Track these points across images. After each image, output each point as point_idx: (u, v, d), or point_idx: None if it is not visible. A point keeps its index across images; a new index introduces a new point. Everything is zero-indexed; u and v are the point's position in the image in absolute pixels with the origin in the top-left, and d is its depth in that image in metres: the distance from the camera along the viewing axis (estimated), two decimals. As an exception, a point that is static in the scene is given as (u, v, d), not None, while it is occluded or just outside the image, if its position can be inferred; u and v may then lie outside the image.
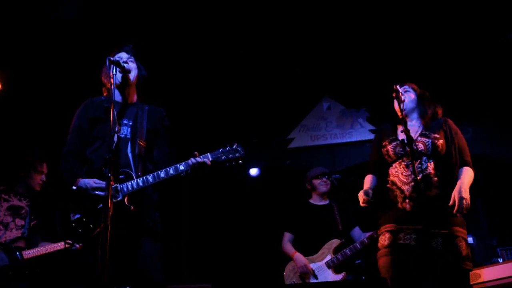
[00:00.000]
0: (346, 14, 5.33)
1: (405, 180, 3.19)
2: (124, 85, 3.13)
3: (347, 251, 4.60)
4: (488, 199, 6.32)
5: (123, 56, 3.19)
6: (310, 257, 4.72)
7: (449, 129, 3.33)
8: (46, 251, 4.26)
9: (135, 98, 3.25)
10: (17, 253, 4.19)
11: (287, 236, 4.98)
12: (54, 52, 5.27)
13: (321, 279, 4.59)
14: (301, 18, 5.37)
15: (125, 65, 3.07)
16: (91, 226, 2.82)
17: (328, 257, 4.66)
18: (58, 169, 3.04)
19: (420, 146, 3.25)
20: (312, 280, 4.61)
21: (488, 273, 4.09)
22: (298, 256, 4.72)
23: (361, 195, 3.24)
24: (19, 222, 4.38)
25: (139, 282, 2.87)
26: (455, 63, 5.87)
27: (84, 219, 2.85)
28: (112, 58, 2.94)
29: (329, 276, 4.59)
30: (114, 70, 2.93)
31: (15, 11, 4.76)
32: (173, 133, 3.36)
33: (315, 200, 5.08)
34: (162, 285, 2.92)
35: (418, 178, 2.96)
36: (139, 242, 2.90)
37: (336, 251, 4.66)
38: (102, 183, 2.85)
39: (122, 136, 3.03)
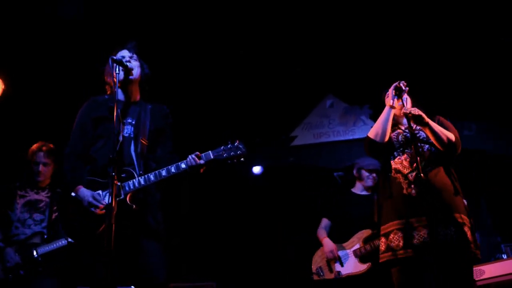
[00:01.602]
0: (348, 12, 5.32)
1: (408, 166, 3.20)
2: (126, 84, 3.11)
3: (376, 242, 4.53)
4: (492, 196, 6.32)
5: (125, 54, 3.16)
6: (340, 244, 4.72)
7: (440, 123, 3.33)
8: (59, 246, 4.16)
9: (138, 96, 3.22)
10: (33, 250, 4.11)
11: (324, 222, 4.97)
12: (55, 52, 5.27)
13: (345, 266, 4.59)
14: (303, 16, 5.36)
15: (127, 63, 3.05)
16: (92, 226, 2.81)
17: (357, 246, 4.64)
18: (62, 169, 3.04)
19: (422, 134, 3.29)
20: (337, 267, 4.61)
21: (492, 269, 4.10)
22: (327, 241, 4.74)
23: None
24: (38, 216, 4.26)
25: (141, 281, 2.87)
26: (458, 61, 5.86)
27: (85, 220, 2.85)
28: (114, 57, 2.93)
29: (354, 264, 4.58)
30: (117, 69, 2.91)
31: (16, 11, 4.78)
32: (177, 132, 3.35)
33: (357, 189, 5.00)
34: (164, 285, 2.89)
35: (421, 175, 2.95)
36: (141, 241, 2.88)
37: (366, 241, 4.62)
38: (99, 202, 2.82)
39: (126, 135, 3.01)
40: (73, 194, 2.89)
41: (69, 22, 4.98)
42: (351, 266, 4.59)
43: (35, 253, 4.10)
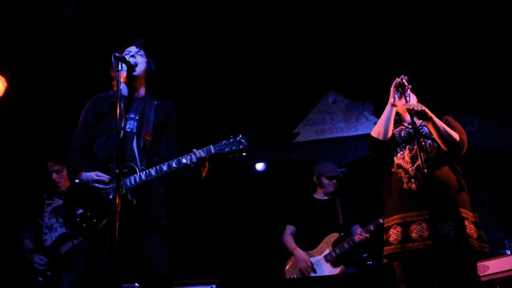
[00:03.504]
0: (350, 7, 5.30)
1: (409, 160, 3.21)
2: (131, 80, 3.12)
3: (345, 244, 4.64)
4: (495, 191, 6.31)
5: (132, 50, 3.18)
6: (309, 251, 4.77)
7: (448, 123, 3.33)
8: (79, 241, 4.35)
9: (143, 92, 3.23)
10: (57, 251, 4.38)
11: (289, 228, 5.02)
12: (56, 50, 5.27)
13: (319, 273, 4.64)
14: (305, 12, 5.34)
15: (131, 59, 3.06)
16: (94, 220, 2.81)
17: (327, 251, 4.70)
18: (66, 164, 3.06)
19: (425, 130, 3.31)
20: (311, 274, 4.65)
21: (496, 265, 4.10)
22: (298, 251, 4.76)
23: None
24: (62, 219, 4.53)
25: (144, 277, 2.85)
26: (461, 55, 5.84)
27: (88, 214, 2.85)
28: (117, 54, 2.93)
29: (327, 270, 4.64)
30: (120, 66, 2.92)
31: (18, 10, 4.78)
32: (180, 128, 3.34)
33: (319, 195, 5.11)
34: (166, 280, 2.88)
35: (425, 171, 2.94)
36: (142, 236, 2.86)
37: (335, 244, 4.70)
38: (103, 176, 2.84)
39: (128, 130, 3.01)
40: (76, 180, 2.90)
41: (70, 21, 4.98)
42: (324, 271, 4.64)
43: (59, 254, 4.38)
